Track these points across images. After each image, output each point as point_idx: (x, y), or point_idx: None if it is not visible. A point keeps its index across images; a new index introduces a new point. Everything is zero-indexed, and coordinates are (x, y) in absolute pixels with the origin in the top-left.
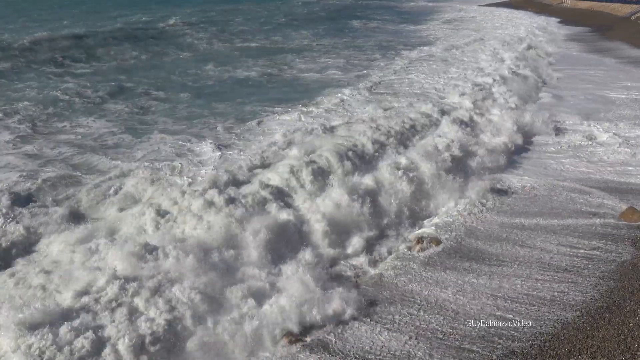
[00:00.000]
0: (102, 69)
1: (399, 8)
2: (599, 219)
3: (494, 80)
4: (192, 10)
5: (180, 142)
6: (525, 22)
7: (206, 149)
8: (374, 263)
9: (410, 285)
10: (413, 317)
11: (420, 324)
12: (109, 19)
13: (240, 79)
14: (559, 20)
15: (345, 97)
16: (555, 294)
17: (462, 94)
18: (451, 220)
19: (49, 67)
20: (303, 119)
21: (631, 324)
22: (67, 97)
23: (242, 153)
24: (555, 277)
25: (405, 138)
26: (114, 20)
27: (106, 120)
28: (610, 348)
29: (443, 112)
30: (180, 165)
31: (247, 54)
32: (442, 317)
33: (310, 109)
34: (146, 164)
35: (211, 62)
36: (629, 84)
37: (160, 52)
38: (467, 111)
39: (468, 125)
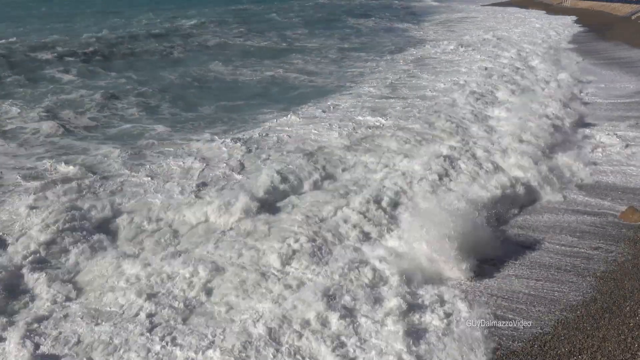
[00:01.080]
0: (105, 69)
1: (405, 8)
2: (598, 219)
3: (503, 77)
4: (196, 11)
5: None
6: (540, 23)
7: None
8: None
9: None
10: None
11: None
12: (111, 20)
13: (246, 81)
14: (574, 19)
15: (353, 101)
16: (555, 294)
17: (469, 95)
18: None
19: (57, 67)
20: (312, 124)
21: (631, 324)
22: (74, 96)
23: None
24: (556, 277)
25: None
26: (116, 22)
27: (110, 119)
28: (610, 348)
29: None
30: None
31: (250, 55)
32: None
33: (316, 113)
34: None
35: (215, 63)
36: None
37: (165, 53)
38: (474, 114)
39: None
